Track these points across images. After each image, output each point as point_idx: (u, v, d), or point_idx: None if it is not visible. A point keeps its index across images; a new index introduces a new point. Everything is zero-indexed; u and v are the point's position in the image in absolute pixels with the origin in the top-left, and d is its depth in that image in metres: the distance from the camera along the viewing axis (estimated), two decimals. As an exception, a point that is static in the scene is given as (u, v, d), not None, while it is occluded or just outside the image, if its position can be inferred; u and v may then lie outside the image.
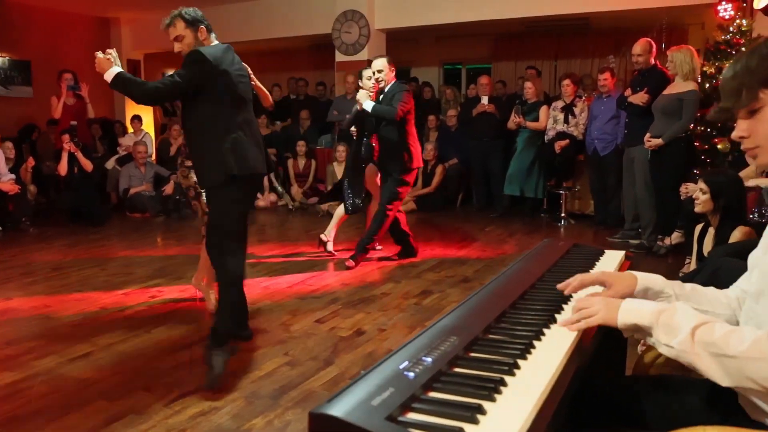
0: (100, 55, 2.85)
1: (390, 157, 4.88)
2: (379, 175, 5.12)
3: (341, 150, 7.71)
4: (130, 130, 9.16)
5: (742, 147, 1.27)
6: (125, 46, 10.48)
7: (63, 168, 7.00)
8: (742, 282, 1.42)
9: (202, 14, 3.08)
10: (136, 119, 9.00)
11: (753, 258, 1.34)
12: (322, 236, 5.30)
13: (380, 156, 4.97)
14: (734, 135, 1.26)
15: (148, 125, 9.97)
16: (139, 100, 2.92)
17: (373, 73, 4.88)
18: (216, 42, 3.12)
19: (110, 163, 8.48)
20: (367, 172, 5.12)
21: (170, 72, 3.87)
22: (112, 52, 2.88)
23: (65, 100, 7.21)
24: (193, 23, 3.02)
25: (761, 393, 1.19)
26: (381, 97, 4.88)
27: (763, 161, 1.24)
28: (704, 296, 1.44)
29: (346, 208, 5.08)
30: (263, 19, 9.15)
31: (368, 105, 4.77)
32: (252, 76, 3.22)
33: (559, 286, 1.50)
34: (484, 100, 7.48)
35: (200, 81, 2.87)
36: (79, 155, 7.03)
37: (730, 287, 1.45)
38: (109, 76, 2.83)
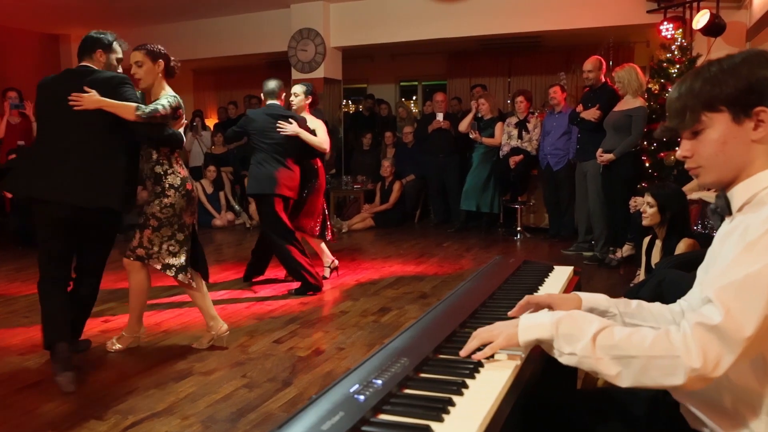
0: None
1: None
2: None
3: None
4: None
5: (685, 166, 1.31)
6: (75, 64, 10.22)
7: (10, 189, 6.79)
8: (688, 296, 1.45)
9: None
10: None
11: (698, 274, 1.39)
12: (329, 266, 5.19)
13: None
14: (678, 154, 1.31)
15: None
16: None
17: (294, 95, 4.93)
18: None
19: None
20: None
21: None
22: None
23: (9, 118, 7.02)
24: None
25: (688, 399, 1.25)
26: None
27: (705, 181, 1.28)
28: (650, 312, 1.47)
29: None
30: (219, 36, 9.10)
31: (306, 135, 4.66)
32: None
33: (510, 313, 1.50)
34: (439, 116, 7.60)
35: None
36: (28, 176, 6.82)
37: (677, 301, 1.48)
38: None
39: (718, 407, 1.21)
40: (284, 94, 4.85)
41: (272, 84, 4.78)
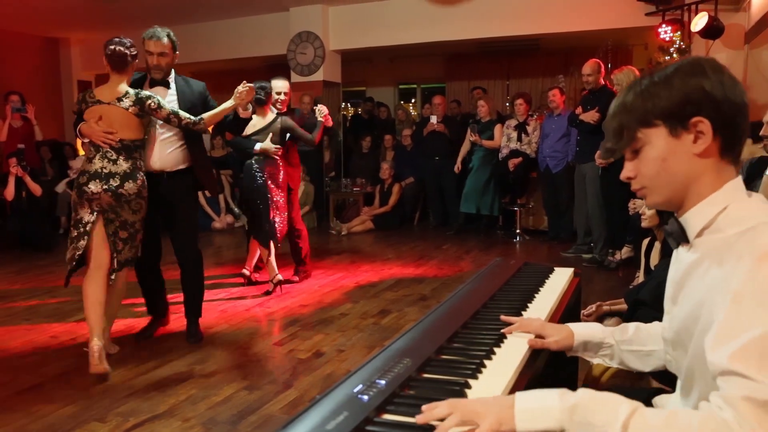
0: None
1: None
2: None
3: None
4: (81, 152, 8.95)
5: (631, 188, 1.20)
6: (75, 67, 10.30)
7: (10, 193, 6.79)
8: (664, 322, 1.33)
9: None
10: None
11: (665, 303, 1.28)
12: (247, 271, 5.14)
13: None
14: (622, 176, 1.20)
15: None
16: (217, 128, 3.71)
17: (277, 94, 4.85)
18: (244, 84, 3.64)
19: (61, 187, 8.25)
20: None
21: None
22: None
23: (11, 122, 7.02)
24: (174, 48, 3.48)
25: None
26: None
27: (654, 201, 1.17)
28: (648, 335, 1.41)
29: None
30: (218, 40, 9.12)
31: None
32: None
33: (504, 330, 1.48)
34: (433, 119, 7.63)
35: None
36: (27, 179, 6.84)
37: (657, 328, 1.42)
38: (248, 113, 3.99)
39: None
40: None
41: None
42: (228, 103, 3.55)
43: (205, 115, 3.50)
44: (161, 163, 3.52)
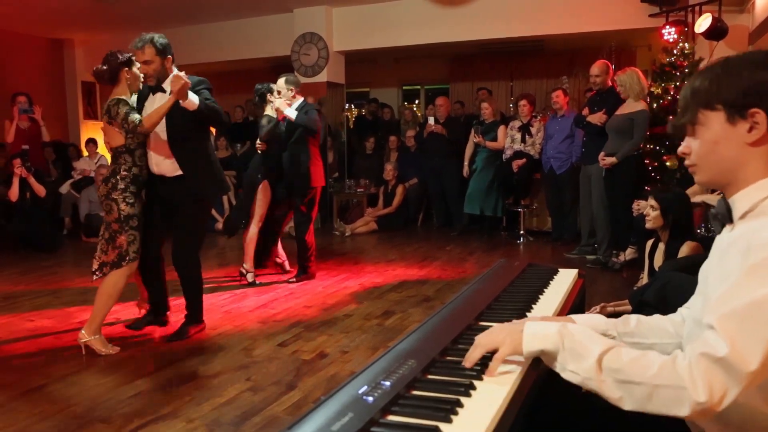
0: (184, 78, 3.23)
1: (295, 174, 5.01)
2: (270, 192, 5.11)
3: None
4: (85, 153, 8.98)
5: (685, 163, 1.30)
6: (79, 68, 10.32)
7: (14, 193, 6.82)
8: (690, 302, 1.43)
9: (169, 43, 3.46)
10: (92, 142, 8.82)
11: (700, 282, 1.35)
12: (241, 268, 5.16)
13: (286, 173, 5.08)
14: (678, 150, 1.30)
15: (104, 148, 9.77)
16: (222, 127, 3.47)
17: (277, 93, 4.94)
18: (175, 69, 3.44)
19: (65, 188, 8.28)
20: (259, 192, 5.05)
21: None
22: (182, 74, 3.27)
23: (18, 123, 7.05)
24: (162, 52, 3.41)
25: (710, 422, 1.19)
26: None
27: (700, 179, 1.27)
28: (650, 329, 1.45)
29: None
30: (222, 41, 9.14)
31: (291, 113, 4.81)
32: None
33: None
34: (431, 120, 7.63)
35: None
36: (31, 180, 6.86)
37: (678, 310, 1.46)
38: (194, 102, 3.31)
39: (725, 422, 1.19)
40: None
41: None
42: (168, 101, 3.37)
43: (145, 116, 3.43)
44: (159, 168, 3.61)
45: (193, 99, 3.30)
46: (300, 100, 5.03)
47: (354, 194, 8.47)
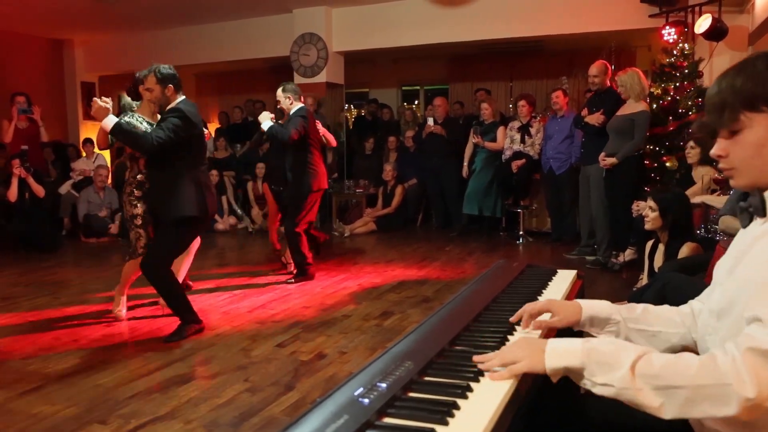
0: (99, 102, 3.44)
1: (294, 177, 5.11)
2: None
3: (260, 167, 7.96)
4: (84, 153, 8.98)
5: (719, 166, 1.23)
6: (79, 69, 10.31)
7: (13, 194, 6.81)
8: (703, 296, 1.41)
9: (174, 73, 3.68)
10: (89, 143, 8.82)
11: (717, 275, 1.32)
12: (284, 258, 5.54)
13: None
14: (712, 152, 1.23)
15: (102, 148, 9.77)
16: (144, 151, 3.55)
17: (277, 100, 5.19)
18: (183, 96, 3.71)
19: (64, 188, 8.28)
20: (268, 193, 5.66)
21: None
22: (109, 101, 3.50)
23: (17, 123, 7.04)
24: (162, 81, 3.64)
25: (717, 422, 1.16)
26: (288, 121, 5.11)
27: (738, 183, 1.21)
28: (656, 317, 1.43)
29: None
30: (222, 41, 9.13)
31: (265, 125, 5.01)
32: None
33: (512, 319, 1.51)
34: (430, 121, 7.63)
35: (185, 135, 3.53)
36: (30, 180, 6.86)
37: (688, 303, 1.45)
38: (107, 125, 3.44)
39: (734, 421, 1.15)
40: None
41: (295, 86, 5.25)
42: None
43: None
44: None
45: (107, 123, 3.47)
46: (298, 106, 5.12)
47: (353, 194, 8.47)
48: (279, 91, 5.14)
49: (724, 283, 1.25)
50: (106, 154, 9.67)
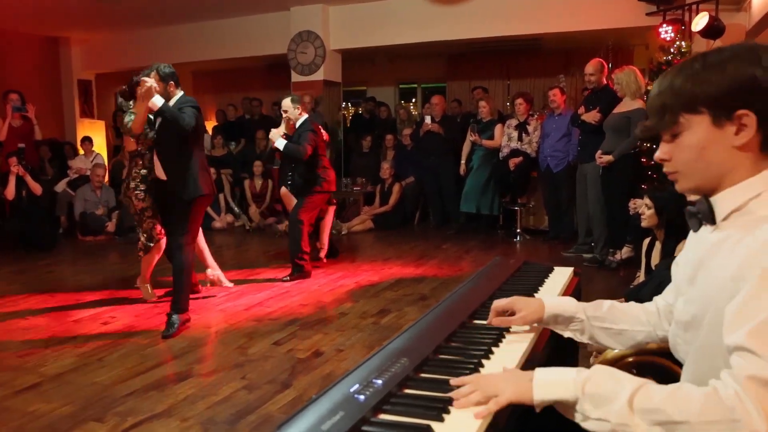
0: (150, 81, 3.67)
1: (305, 182, 5.36)
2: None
3: (258, 165, 8.22)
4: (81, 151, 8.95)
5: (663, 170, 1.19)
6: (75, 67, 10.27)
7: (10, 192, 6.79)
8: (667, 295, 1.38)
9: (173, 71, 3.94)
10: (87, 140, 8.80)
11: (677, 279, 1.28)
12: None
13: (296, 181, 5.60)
14: (656, 156, 1.19)
15: (100, 147, 9.76)
16: (182, 130, 3.70)
17: (283, 112, 5.30)
18: (182, 92, 3.97)
19: (61, 186, 8.26)
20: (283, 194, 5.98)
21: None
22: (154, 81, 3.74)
23: (11, 121, 7.02)
24: (164, 78, 3.87)
25: None
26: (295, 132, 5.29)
27: (683, 187, 1.18)
28: (623, 314, 1.42)
29: None
30: (219, 39, 9.11)
31: (279, 144, 5.16)
32: None
33: (487, 321, 1.50)
34: (428, 119, 7.62)
35: (199, 123, 3.84)
36: (28, 178, 6.84)
37: (653, 299, 1.43)
38: (156, 104, 3.66)
39: None
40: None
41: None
42: (140, 105, 3.90)
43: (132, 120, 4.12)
44: (158, 171, 4.20)
45: (156, 102, 3.70)
46: (304, 117, 5.27)
47: (351, 192, 8.46)
48: (287, 102, 5.27)
49: (686, 292, 1.22)
50: (104, 153, 9.67)
